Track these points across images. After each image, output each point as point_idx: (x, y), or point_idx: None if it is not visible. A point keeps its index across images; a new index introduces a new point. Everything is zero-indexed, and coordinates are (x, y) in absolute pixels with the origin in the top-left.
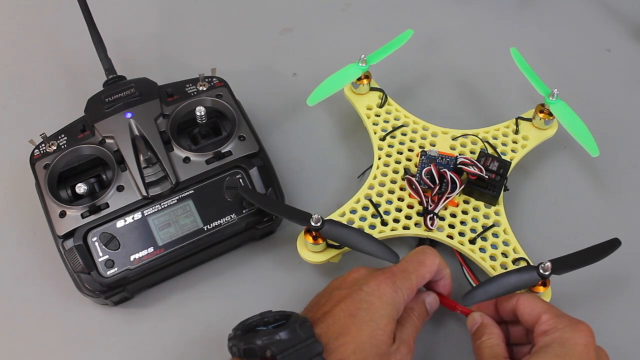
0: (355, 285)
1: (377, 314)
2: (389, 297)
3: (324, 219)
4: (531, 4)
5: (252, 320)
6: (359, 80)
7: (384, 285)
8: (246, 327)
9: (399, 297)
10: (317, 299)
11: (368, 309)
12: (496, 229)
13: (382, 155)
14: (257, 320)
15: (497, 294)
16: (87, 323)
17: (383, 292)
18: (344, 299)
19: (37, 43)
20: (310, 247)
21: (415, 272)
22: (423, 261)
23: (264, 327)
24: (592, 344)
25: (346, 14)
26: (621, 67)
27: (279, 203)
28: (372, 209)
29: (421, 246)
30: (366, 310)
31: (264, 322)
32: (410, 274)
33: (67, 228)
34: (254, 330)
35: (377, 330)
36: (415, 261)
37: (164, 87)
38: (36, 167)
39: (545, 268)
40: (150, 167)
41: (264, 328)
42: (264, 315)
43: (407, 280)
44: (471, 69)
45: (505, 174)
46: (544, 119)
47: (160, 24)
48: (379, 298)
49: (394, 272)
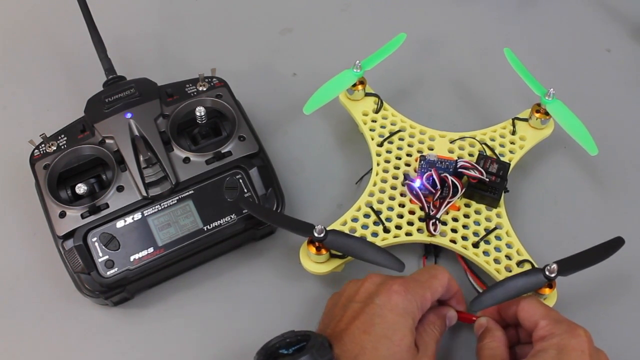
0: (368, 298)
1: (389, 329)
2: (401, 308)
3: (327, 230)
4: (531, 4)
5: (274, 343)
6: (354, 87)
7: (395, 296)
8: (268, 351)
9: (412, 306)
10: (332, 306)
11: (380, 324)
12: (499, 231)
13: (380, 162)
14: (279, 341)
15: (504, 298)
16: (87, 323)
17: (395, 303)
18: (358, 315)
19: (37, 43)
20: (314, 258)
21: (427, 282)
22: (435, 274)
23: (286, 349)
24: (589, 349)
25: (346, 14)
26: (621, 67)
27: (281, 215)
28: (374, 216)
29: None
30: (379, 326)
31: (286, 343)
32: (422, 283)
33: (67, 228)
34: (276, 355)
35: (393, 347)
36: (427, 274)
37: (164, 87)
38: (36, 167)
39: (552, 270)
40: (150, 167)
41: (285, 352)
42: (285, 336)
43: (420, 289)
44: (467, 70)
45: (505, 175)
46: (541, 118)
47: (160, 24)
48: (390, 311)
49: (406, 281)
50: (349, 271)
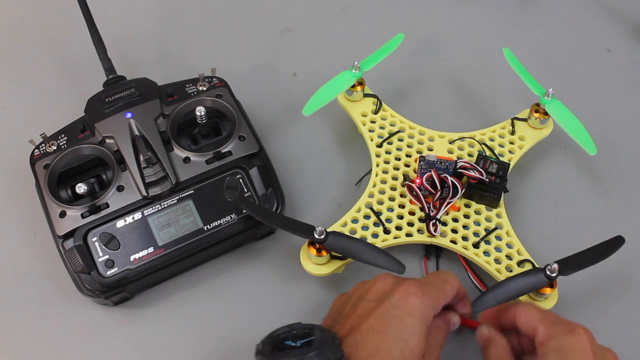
0: (382, 297)
1: (406, 332)
2: (419, 311)
3: (328, 231)
4: (531, 4)
5: (279, 333)
6: (353, 88)
7: (413, 298)
8: (274, 341)
9: (429, 310)
10: (340, 305)
11: (397, 326)
12: (499, 231)
13: (380, 162)
14: (286, 332)
15: (506, 298)
16: (87, 323)
17: (413, 305)
18: (371, 313)
19: (37, 43)
20: (314, 259)
21: (441, 287)
22: (446, 279)
23: (292, 341)
24: (590, 346)
25: (346, 14)
26: (621, 67)
27: (281, 216)
28: (374, 217)
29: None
30: (395, 328)
31: (293, 335)
32: (437, 287)
33: (67, 228)
34: (282, 346)
35: (406, 351)
36: (439, 278)
37: (164, 87)
38: (36, 167)
39: (553, 270)
40: (150, 167)
41: (292, 343)
42: (292, 327)
43: (435, 292)
44: (466, 70)
45: (504, 175)
46: (540, 118)
47: (160, 24)
48: (408, 313)
49: (422, 283)
50: (349, 272)
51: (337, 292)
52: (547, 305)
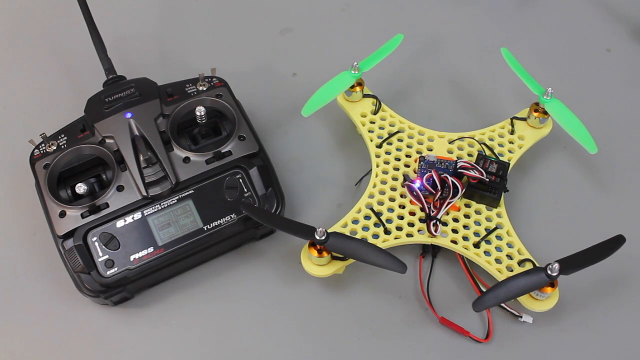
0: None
1: None
2: None
3: (329, 232)
4: (530, 4)
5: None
6: (352, 88)
7: None
8: None
9: None
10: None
11: None
12: (499, 231)
13: (380, 163)
14: None
15: (507, 298)
16: (87, 323)
17: None
18: None
19: (37, 43)
20: (315, 260)
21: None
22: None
23: None
24: None
25: (346, 14)
26: (621, 67)
27: (282, 218)
28: (374, 217)
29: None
30: None
31: None
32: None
33: (67, 228)
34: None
35: None
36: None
37: (164, 87)
38: (36, 167)
39: (554, 269)
40: (150, 167)
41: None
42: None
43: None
44: (466, 70)
45: (504, 175)
46: (539, 117)
47: (160, 24)
48: None
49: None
50: (349, 273)
51: (337, 293)
52: (548, 304)
